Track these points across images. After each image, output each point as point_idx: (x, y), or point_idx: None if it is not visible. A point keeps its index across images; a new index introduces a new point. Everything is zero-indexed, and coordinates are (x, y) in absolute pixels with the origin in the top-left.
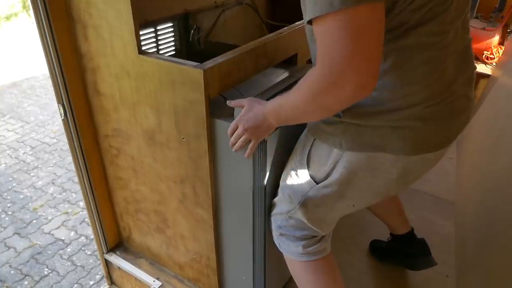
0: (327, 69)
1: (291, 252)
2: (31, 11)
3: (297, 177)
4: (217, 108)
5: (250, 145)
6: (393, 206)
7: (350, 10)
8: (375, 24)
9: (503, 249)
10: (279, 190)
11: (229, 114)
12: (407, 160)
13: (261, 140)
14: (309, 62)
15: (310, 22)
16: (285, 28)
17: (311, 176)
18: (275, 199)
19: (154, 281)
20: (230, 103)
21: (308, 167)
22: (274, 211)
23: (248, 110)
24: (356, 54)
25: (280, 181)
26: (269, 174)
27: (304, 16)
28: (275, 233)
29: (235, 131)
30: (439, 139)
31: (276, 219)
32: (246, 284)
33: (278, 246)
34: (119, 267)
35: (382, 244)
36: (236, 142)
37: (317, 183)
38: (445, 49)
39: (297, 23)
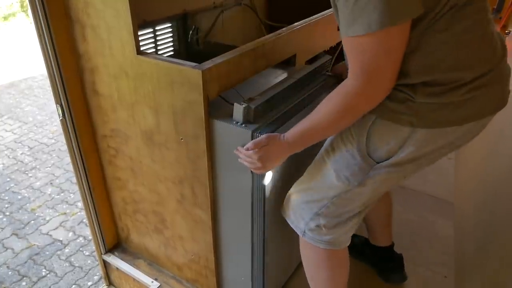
0: (364, 79)
1: (321, 241)
2: (29, 11)
3: (353, 158)
4: (215, 108)
5: (255, 170)
6: (386, 215)
7: (384, 31)
8: (402, 42)
9: (502, 250)
10: (320, 177)
11: (228, 115)
12: (470, 127)
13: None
14: (308, 62)
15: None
16: (283, 28)
17: (370, 155)
18: (306, 186)
19: (152, 282)
20: (248, 146)
21: (367, 147)
22: (306, 199)
23: (268, 145)
24: (388, 66)
25: (325, 167)
26: (268, 173)
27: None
28: (306, 224)
29: (247, 149)
30: (498, 102)
31: (312, 207)
32: (245, 285)
33: (303, 234)
34: (117, 268)
35: (353, 239)
36: (243, 156)
37: (378, 162)
38: (488, 22)
39: (295, 24)
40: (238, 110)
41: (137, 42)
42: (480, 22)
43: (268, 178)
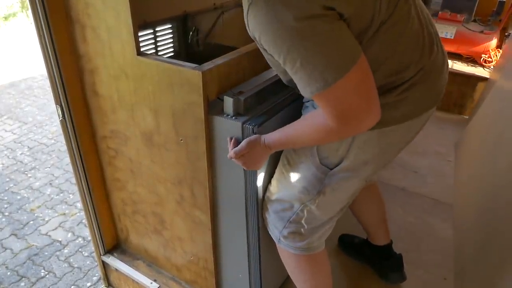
0: (342, 122)
1: (295, 247)
2: (30, 12)
3: (308, 168)
4: (215, 110)
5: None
6: (377, 213)
7: (343, 78)
8: (365, 73)
9: (501, 252)
10: (282, 188)
11: (222, 111)
12: (412, 123)
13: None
14: None
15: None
16: None
17: (324, 164)
18: (274, 198)
19: (151, 283)
20: (230, 155)
21: (319, 156)
22: (275, 209)
23: (250, 151)
24: (362, 102)
25: (285, 180)
26: (263, 174)
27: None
28: (280, 232)
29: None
30: (434, 96)
31: (282, 216)
32: (242, 284)
33: (278, 242)
34: (116, 269)
35: (353, 240)
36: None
37: (331, 169)
38: (414, 22)
39: None
40: (228, 102)
41: (137, 43)
42: (408, 23)
43: (260, 179)
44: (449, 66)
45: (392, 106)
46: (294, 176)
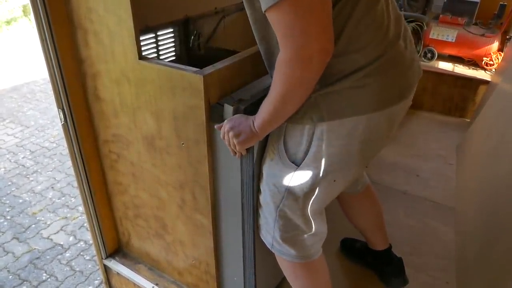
0: (292, 47)
1: (289, 255)
2: (32, 16)
3: (278, 166)
4: (216, 113)
5: (237, 152)
6: (372, 219)
7: None
8: (319, 2)
9: (503, 256)
10: (262, 190)
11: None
12: (374, 117)
13: (245, 148)
14: None
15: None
16: None
17: (292, 161)
18: (260, 202)
19: (153, 287)
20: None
21: (287, 153)
22: (262, 215)
23: (236, 122)
24: (312, 25)
25: (263, 180)
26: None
27: (247, 8)
28: (272, 237)
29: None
30: (399, 90)
31: (269, 222)
32: (237, 285)
33: (271, 247)
34: (118, 273)
35: (354, 244)
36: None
37: (299, 165)
38: (382, 14)
39: None
40: (228, 110)
41: (139, 47)
42: (375, 6)
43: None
44: (451, 70)
45: (349, 93)
46: (267, 175)
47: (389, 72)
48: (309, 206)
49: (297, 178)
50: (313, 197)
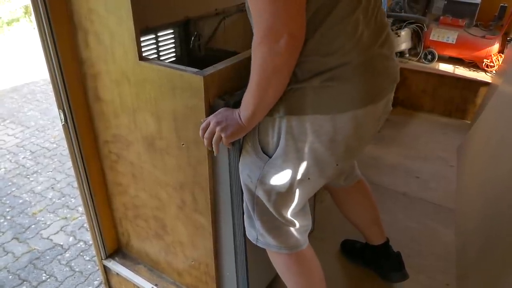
0: (261, 28)
1: (275, 246)
2: (33, 17)
3: (249, 155)
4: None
5: (222, 143)
6: (367, 213)
7: None
8: None
9: (504, 257)
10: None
11: None
12: (339, 118)
13: (232, 141)
14: None
15: None
16: None
17: (264, 152)
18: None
19: (152, 287)
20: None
21: (260, 143)
22: (245, 207)
23: (223, 116)
24: (281, 10)
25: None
26: None
27: None
28: (256, 230)
29: (206, 128)
30: (364, 95)
31: (250, 214)
32: (230, 282)
33: (256, 242)
34: (117, 273)
35: (354, 245)
36: (208, 137)
37: (271, 157)
38: (356, 24)
39: None
40: (219, 105)
41: (139, 48)
42: (345, 15)
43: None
44: (452, 71)
45: (313, 92)
46: (242, 166)
47: (355, 77)
48: (288, 208)
49: (268, 169)
50: (289, 196)
